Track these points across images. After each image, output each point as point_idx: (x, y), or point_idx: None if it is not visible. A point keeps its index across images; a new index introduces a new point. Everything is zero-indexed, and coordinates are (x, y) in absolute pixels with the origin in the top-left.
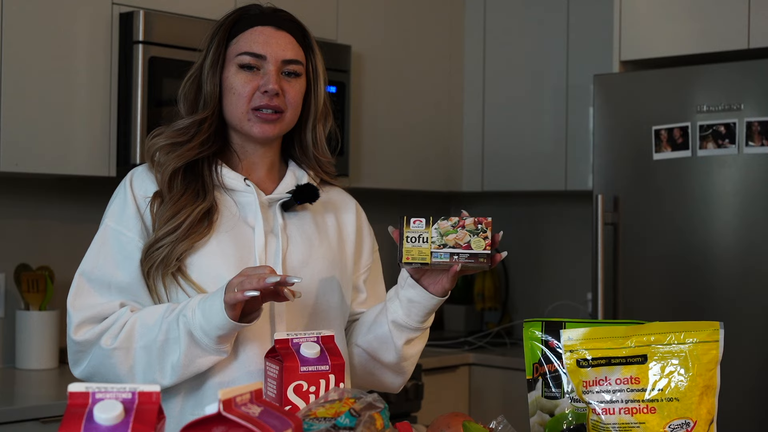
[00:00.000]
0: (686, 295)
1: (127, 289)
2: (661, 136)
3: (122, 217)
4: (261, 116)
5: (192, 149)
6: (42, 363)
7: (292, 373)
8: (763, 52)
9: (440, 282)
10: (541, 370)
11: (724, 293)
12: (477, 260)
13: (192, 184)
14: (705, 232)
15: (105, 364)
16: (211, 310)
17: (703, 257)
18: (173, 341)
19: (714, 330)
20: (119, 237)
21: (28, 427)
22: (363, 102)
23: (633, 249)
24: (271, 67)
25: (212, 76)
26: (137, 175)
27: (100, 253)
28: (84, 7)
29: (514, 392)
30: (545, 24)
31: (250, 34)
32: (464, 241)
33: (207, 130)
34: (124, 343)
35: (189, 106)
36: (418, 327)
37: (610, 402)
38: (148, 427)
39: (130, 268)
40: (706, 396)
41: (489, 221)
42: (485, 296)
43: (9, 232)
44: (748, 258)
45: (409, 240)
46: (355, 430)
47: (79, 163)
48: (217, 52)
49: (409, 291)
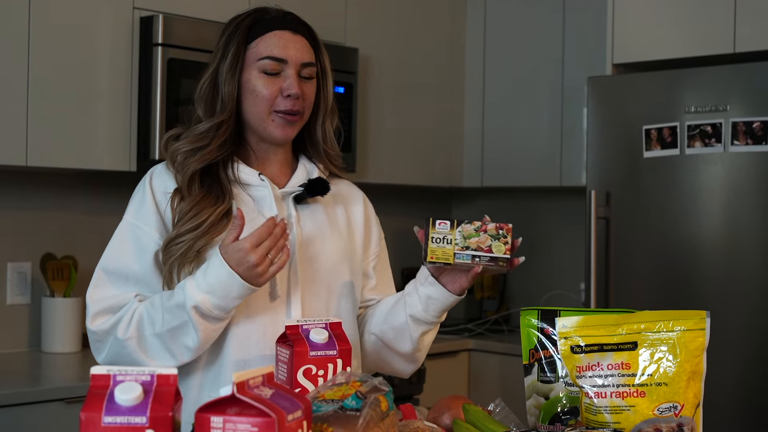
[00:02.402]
0: (674, 286)
1: (143, 280)
2: (651, 135)
3: (140, 213)
4: (285, 118)
5: (210, 152)
6: (66, 347)
7: (301, 358)
8: (747, 56)
9: (459, 281)
10: (537, 356)
11: (710, 284)
12: (497, 263)
13: (212, 188)
14: (692, 226)
15: (121, 353)
16: (230, 288)
17: (691, 250)
18: (184, 326)
19: (701, 319)
20: (136, 231)
21: (53, 407)
22: (369, 102)
23: (624, 242)
24: (292, 71)
25: (231, 78)
26: (157, 174)
27: (117, 247)
28: (107, 11)
29: (512, 376)
30: (542, 29)
31: (270, 38)
32: (486, 245)
33: (224, 133)
34: (135, 332)
35: (207, 107)
36: (434, 321)
37: (602, 386)
38: (166, 407)
39: (145, 260)
40: (692, 381)
41: (510, 227)
42: (484, 285)
43: (35, 223)
44: (733, 251)
45: (434, 240)
46: (362, 412)
47: (101, 158)
48: (236, 55)
49: (428, 288)
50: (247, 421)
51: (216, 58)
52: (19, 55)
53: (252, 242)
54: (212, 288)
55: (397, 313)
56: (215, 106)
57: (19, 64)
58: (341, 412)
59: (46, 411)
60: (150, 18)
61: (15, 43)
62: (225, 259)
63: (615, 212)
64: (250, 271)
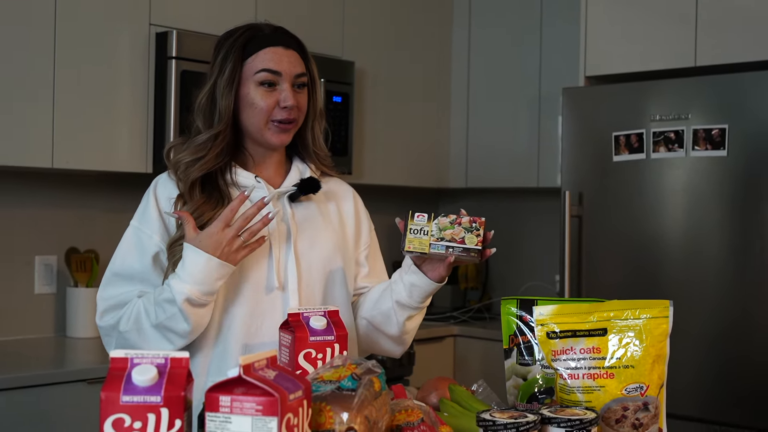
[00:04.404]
0: (641, 277)
1: (145, 278)
2: (620, 141)
3: (143, 218)
4: (280, 126)
5: (209, 161)
6: (88, 332)
7: (302, 343)
8: (707, 69)
9: (438, 270)
10: (516, 341)
11: (673, 275)
12: (469, 254)
13: (212, 193)
14: (657, 223)
15: (125, 345)
16: (210, 272)
17: (655, 245)
18: (175, 317)
19: (664, 307)
20: (140, 234)
21: (77, 387)
22: (364, 110)
23: (595, 238)
24: (287, 83)
25: (228, 93)
26: (161, 183)
27: (123, 249)
28: (126, 27)
29: (493, 360)
30: (521, 44)
31: (264, 54)
32: (459, 237)
33: (221, 142)
34: (134, 326)
35: (205, 119)
36: (418, 306)
37: (575, 368)
38: (179, 388)
39: (145, 260)
40: (657, 364)
41: (482, 221)
42: (468, 277)
43: (60, 220)
44: (694, 246)
45: (412, 231)
46: (357, 392)
47: (120, 161)
48: (233, 71)
49: (412, 276)
50: (252, 399)
51: (213, 74)
52: (46, 67)
53: (219, 226)
54: (195, 278)
55: (385, 300)
56: (213, 118)
57: (46, 75)
58: (338, 391)
59: (70, 391)
60: (165, 33)
61: (42, 56)
62: (200, 248)
63: (587, 211)
64: (225, 249)
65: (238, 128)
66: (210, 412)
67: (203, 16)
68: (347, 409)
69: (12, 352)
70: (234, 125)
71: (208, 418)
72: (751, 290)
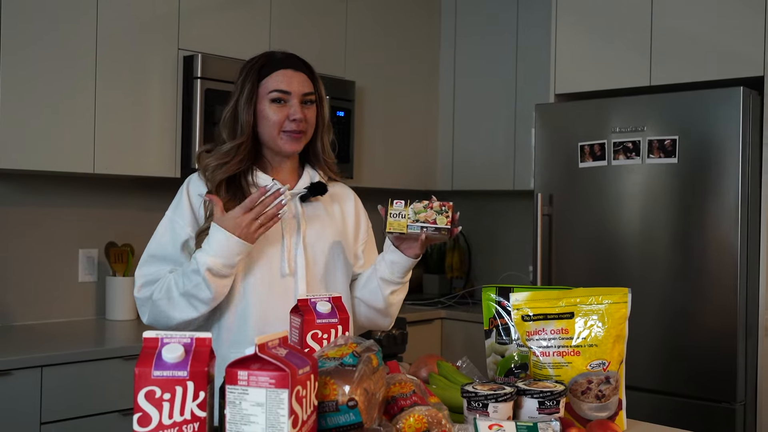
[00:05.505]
0: (603, 268)
1: (175, 260)
2: (585, 150)
3: (177, 210)
4: (292, 136)
5: (233, 166)
6: (124, 315)
7: (310, 324)
8: (661, 88)
9: (413, 248)
10: (495, 323)
11: (631, 266)
12: (440, 232)
13: (236, 192)
14: (617, 222)
15: (157, 312)
16: (231, 248)
17: (616, 239)
18: (199, 285)
19: (624, 294)
20: (173, 223)
21: (114, 362)
22: (364, 123)
23: (563, 234)
24: (295, 100)
25: (248, 109)
26: (193, 181)
27: (158, 235)
28: (157, 51)
29: (475, 339)
30: (500, 66)
31: (276, 76)
32: (431, 218)
33: (243, 151)
34: (166, 294)
35: (229, 132)
36: (399, 281)
37: (547, 347)
38: (203, 364)
39: (177, 245)
40: (617, 343)
41: (450, 204)
42: (454, 268)
43: (101, 218)
44: (648, 241)
45: (392, 216)
46: (357, 367)
47: (152, 166)
48: (251, 91)
49: (392, 255)
50: (266, 374)
51: (236, 93)
52: (87, 85)
53: (241, 211)
54: (216, 252)
55: (371, 279)
56: (236, 131)
57: (88, 92)
58: (341, 367)
59: (108, 366)
60: (191, 57)
61: (84, 77)
62: (223, 227)
63: (556, 211)
64: (245, 230)
65: (257, 139)
66: (230, 385)
67: (225, 41)
68: (349, 383)
69: (59, 333)
70: (254, 136)
71: (228, 390)
72: (697, 277)
